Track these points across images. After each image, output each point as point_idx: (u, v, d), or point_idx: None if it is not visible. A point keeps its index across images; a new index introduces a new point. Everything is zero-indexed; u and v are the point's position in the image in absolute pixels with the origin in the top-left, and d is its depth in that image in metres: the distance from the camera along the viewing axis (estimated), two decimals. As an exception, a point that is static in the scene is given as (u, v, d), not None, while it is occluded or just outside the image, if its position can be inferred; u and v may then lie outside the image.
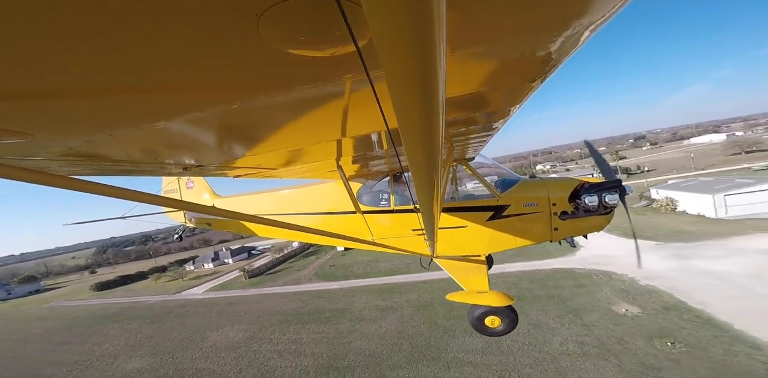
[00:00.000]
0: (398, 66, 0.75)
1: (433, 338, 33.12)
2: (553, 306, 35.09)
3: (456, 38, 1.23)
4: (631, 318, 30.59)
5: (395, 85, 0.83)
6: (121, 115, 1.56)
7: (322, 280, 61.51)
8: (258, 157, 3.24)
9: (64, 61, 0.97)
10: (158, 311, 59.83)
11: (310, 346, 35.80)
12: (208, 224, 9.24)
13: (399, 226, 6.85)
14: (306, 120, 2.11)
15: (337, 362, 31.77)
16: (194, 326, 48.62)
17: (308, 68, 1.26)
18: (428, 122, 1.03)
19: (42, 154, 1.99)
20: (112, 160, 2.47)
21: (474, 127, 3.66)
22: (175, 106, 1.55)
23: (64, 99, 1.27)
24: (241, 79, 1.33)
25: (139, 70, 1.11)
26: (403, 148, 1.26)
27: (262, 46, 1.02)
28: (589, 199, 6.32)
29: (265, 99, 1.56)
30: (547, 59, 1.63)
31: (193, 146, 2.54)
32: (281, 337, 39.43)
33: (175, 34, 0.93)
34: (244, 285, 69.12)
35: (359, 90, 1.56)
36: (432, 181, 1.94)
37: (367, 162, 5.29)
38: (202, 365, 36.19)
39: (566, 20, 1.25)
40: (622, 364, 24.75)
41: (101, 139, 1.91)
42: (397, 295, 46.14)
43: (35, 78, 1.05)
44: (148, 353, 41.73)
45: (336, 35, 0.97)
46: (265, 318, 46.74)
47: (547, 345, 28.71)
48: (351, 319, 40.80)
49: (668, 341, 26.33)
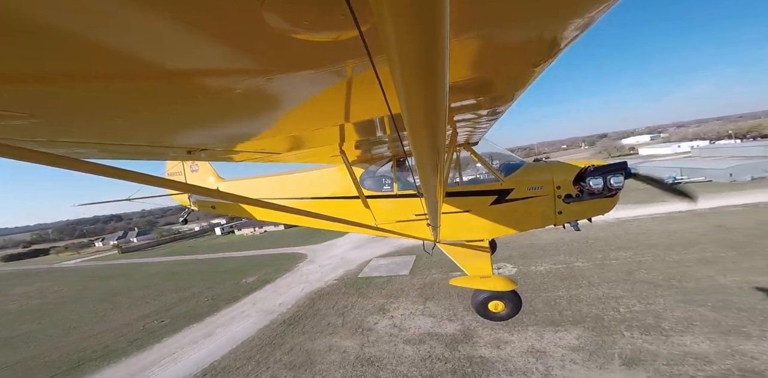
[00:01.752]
0: (402, 51, 0.76)
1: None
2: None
3: (460, 22, 1.22)
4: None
5: (398, 69, 0.83)
6: (126, 100, 1.58)
7: (175, 255, 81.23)
8: (262, 142, 3.25)
9: (67, 45, 0.98)
10: (29, 274, 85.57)
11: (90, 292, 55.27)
12: (212, 207, 9.33)
13: (402, 211, 6.88)
14: (310, 105, 2.11)
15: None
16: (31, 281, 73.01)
17: (312, 53, 1.26)
18: (432, 107, 1.04)
19: (47, 136, 2.01)
20: (117, 144, 2.50)
21: (478, 111, 3.63)
22: (180, 91, 1.55)
23: (69, 83, 1.28)
24: (245, 64, 1.33)
25: (143, 54, 1.12)
26: (407, 133, 1.27)
27: (266, 30, 1.02)
28: (594, 181, 6.29)
29: (270, 84, 1.56)
30: (552, 44, 1.61)
31: (197, 131, 2.56)
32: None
33: (179, 18, 0.93)
34: (113, 257, 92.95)
35: (363, 74, 1.55)
36: (435, 166, 1.95)
37: (370, 147, 5.28)
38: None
39: (571, 4, 1.23)
40: None
41: (106, 122, 1.93)
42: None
43: (39, 62, 1.06)
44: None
45: (339, 19, 0.96)
46: (77, 276, 70.76)
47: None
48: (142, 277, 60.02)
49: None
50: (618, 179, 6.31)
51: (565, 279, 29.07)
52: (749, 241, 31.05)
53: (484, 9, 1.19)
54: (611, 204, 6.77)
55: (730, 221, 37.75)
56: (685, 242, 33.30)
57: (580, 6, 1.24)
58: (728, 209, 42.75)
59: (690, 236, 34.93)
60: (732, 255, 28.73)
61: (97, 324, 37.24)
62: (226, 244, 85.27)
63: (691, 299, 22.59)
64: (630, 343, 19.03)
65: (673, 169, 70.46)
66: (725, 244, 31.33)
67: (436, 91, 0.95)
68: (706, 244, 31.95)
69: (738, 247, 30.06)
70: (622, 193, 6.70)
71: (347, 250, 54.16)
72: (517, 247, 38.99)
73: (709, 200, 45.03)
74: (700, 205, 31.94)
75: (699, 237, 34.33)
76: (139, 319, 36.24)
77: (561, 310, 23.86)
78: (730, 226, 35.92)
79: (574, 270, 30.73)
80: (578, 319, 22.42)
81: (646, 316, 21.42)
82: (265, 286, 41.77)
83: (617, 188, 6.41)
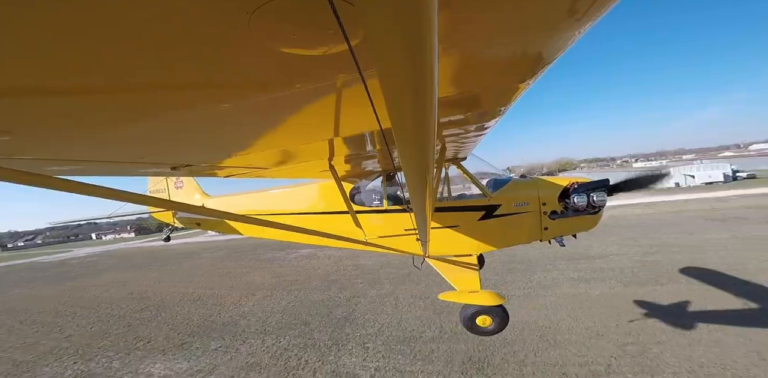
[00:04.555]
0: (391, 65, 0.75)
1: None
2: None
3: (449, 38, 1.23)
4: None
5: (388, 84, 0.82)
6: (107, 116, 1.53)
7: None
8: (249, 157, 3.21)
9: (43, 58, 0.95)
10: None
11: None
12: (198, 224, 9.13)
13: (391, 226, 6.85)
14: (298, 119, 2.10)
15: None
16: None
17: (300, 67, 1.25)
18: (421, 122, 1.03)
19: (24, 153, 1.94)
20: (98, 160, 2.42)
21: (466, 127, 3.68)
22: (163, 105, 1.52)
23: (45, 97, 1.23)
24: (232, 78, 1.31)
25: (124, 68, 1.09)
26: (396, 148, 1.25)
27: (254, 44, 1.01)
28: (578, 198, 6.39)
29: (257, 98, 1.54)
30: (537, 59, 1.65)
31: (182, 146, 2.51)
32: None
33: (163, 31, 0.91)
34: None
35: (352, 89, 1.55)
36: (425, 181, 1.94)
37: (359, 162, 5.28)
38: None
39: (556, 20, 1.26)
40: None
41: (85, 138, 1.87)
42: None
43: (12, 75, 1.02)
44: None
45: (328, 34, 0.96)
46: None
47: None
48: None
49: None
50: (601, 196, 6.43)
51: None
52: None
53: (472, 25, 1.21)
54: (595, 221, 6.87)
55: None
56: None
57: (565, 21, 1.28)
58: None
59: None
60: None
61: None
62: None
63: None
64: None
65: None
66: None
67: (426, 106, 0.95)
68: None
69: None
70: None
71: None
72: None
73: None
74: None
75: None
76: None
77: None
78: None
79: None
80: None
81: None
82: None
83: (600, 205, 6.52)
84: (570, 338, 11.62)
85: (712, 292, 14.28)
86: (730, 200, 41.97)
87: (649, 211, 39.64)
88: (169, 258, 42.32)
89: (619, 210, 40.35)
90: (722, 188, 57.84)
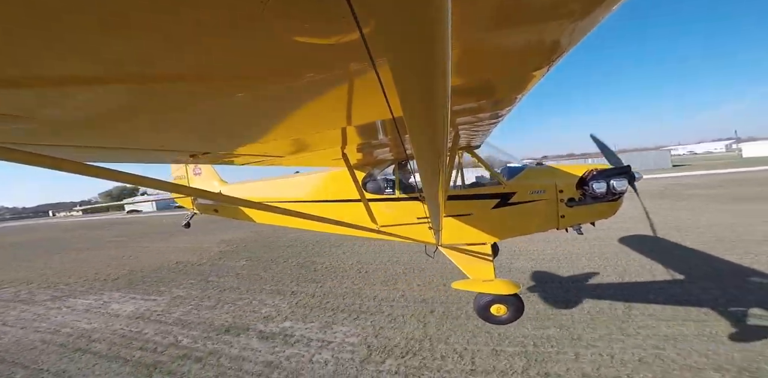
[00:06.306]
0: (403, 53, 0.76)
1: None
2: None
3: (461, 25, 1.22)
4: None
5: (400, 72, 0.83)
6: (127, 104, 1.58)
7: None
8: (264, 146, 3.26)
9: (66, 48, 0.98)
10: None
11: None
12: (215, 211, 9.35)
13: (404, 214, 6.87)
14: (311, 108, 2.11)
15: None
16: None
17: (314, 55, 1.26)
18: (434, 110, 1.04)
19: (48, 140, 2.02)
20: (119, 147, 2.51)
21: (479, 115, 3.63)
22: (181, 95, 1.55)
23: (68, 87, 1.28)
24: (247, 67, 1.33)
25: (143, 58, 1.12)
26: (408, 136, 1.26)
27: (268, 33, 1.02)
28: (597, 185, 6.27)
29: (271, 87, 1.56)
30: (555, 46, 1.61)
31: (200, 135, 2.57)
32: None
33: (179, 20, 0.93)
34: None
35: (365, 77, 1.55)
36: (437, 169, 1.95)
37: (372, 150, 5.29)
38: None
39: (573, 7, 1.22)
40: None
41: (107, 126, 1.94)
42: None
43: (38, 65, 1.06)
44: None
45: (341, 22, 0.96)
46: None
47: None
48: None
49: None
50: (621, 183, 6.28)
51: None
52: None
53: (486, 12, 1.19)
54: (615, 208, 6.74)
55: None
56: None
57: (582, 8, 1.24)
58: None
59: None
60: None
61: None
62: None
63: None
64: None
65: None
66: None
67: (438, 94, 0.95)
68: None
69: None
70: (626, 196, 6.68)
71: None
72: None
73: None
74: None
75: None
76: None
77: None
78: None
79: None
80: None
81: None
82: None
83: (620, 192, 6.38)
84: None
85: None
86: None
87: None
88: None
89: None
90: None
